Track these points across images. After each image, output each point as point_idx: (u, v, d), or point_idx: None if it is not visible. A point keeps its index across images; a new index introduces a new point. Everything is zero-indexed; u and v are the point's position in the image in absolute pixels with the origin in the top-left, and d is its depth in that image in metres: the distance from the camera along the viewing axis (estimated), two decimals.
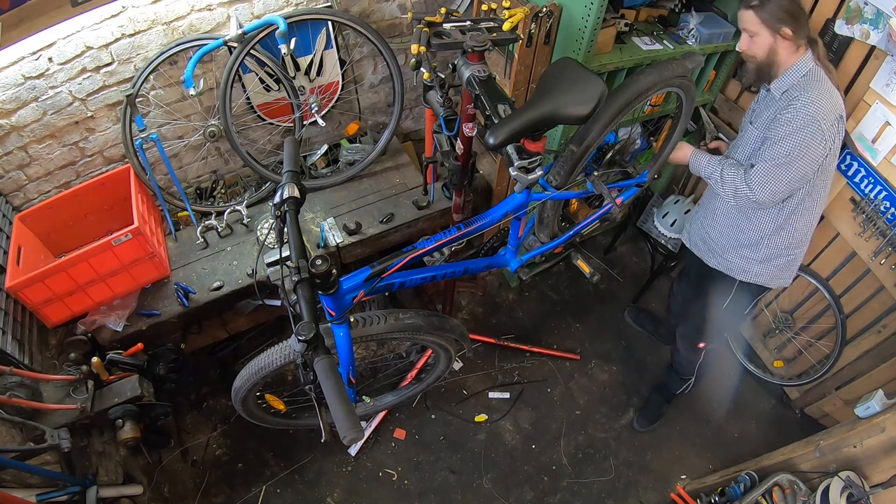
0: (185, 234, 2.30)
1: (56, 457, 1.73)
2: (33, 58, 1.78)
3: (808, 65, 1.61)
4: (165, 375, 2.04)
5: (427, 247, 1.57)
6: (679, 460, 2.52)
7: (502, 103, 1.45)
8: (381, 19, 2.33)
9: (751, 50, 1.65)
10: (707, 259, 2.05)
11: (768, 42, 1.60)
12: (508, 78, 2.12)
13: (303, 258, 1.20)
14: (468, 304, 2.95)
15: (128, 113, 1.96)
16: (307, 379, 1.23)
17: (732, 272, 1.97)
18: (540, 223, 1.93)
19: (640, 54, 2.12)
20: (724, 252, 1.96)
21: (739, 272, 1.95)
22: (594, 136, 1.62)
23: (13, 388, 1.63)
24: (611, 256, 3.25)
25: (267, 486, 2.29)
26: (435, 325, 1.78)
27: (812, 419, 2.58)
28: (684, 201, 2.68)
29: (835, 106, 1.56)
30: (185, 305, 2.05)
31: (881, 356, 2.17)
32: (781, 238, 1.82)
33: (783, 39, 1.58)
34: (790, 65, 1.62)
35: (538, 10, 1.86)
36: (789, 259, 1.88)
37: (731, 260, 1.95)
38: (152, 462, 2.23)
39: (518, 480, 2.40)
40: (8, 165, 1.97)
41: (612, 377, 2.76)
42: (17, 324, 1.87)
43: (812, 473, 1.81)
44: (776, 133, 1.60)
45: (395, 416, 2.54)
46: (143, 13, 1.88)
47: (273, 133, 2.43)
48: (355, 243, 2.27)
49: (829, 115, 1.54)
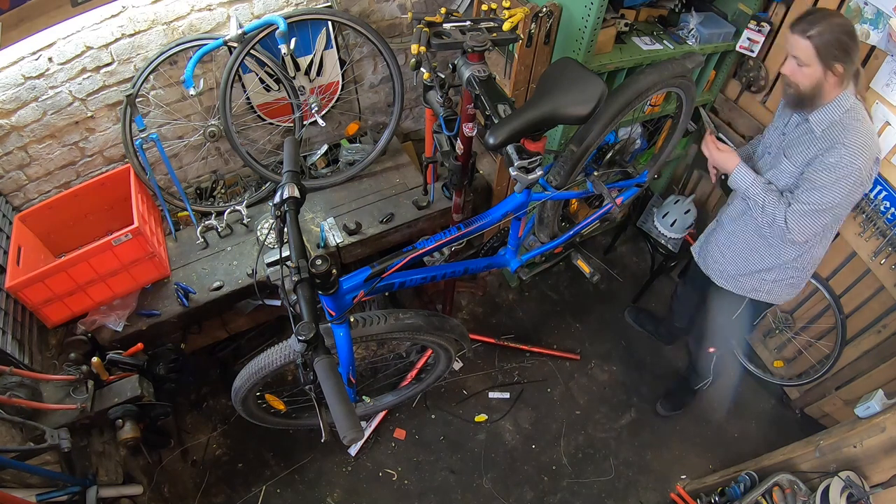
0: (185, 234, 2.30)
1: (56, 457, 1.72)
2: (33, 58, 1.78)
3: (850, 100, 1.52)
4: (165, 375, 2.04)
5: (427, 247, 1.57)
6: (679, 460, 2.52)
7: (502, 103, 1.45)
8: (381, 19, 2.33)
9: (795, 78, 1.53)
10: (717, 280, 2.02)
11: (817, 75, 1.49)
12: (508, 78, 2.12)
13: (303, 258, 1.20)
14: (468, 304, 2.95)
15: (128, 113, 1.96)
16: (307, 379, 1.23)
17: (744, 292, 1.96)
18: (540, 223, 1.93)
19: (640, 54, 2.12)
20: (739, 276, 1.94)
21: (751, 291, 1.94)
22: (594, 136, 1.62)
23: (13, 388, 1.63)
24: (611, 256, 3.25)
25: (267, 486, 2.29)
26: (435, 325, 1.78)
27: (812, 419, 2.58)
28: (684, 201, 2.68)
29: (874, 149, 1.53)
30: (185, 305, 2.05)
31: (881, 356, 2.17)
32: (799, 262, 1.81)
33: (833, 76, 1.48)
34: (832, 97, 1.53)
35: (538, 10, 1.86)
36: (802, 277, 1.87)
37: (743, 283, 1.94)
38: (152, 462, 2.23)
39: (518, 480, 2.40)
40: (8, 165, 1.97)
41: (612, 377, 2.76)
42: (17, 324, 1.87)
43: (812, 473, 1.81)
44: (819, 178, 1.54)
45: (395, 416, 2.54)
46: (143, 13, 1.88)
47: (273, 133, 2.43)
48: (355, 243, 2.27)
49: (869, 160, 1.50)
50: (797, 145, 1.64)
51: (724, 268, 1.98)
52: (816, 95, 1.53)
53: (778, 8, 2.21)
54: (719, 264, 2.00)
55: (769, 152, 1.79)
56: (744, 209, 1.84)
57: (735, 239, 1.91)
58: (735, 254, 1.92)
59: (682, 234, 2.71)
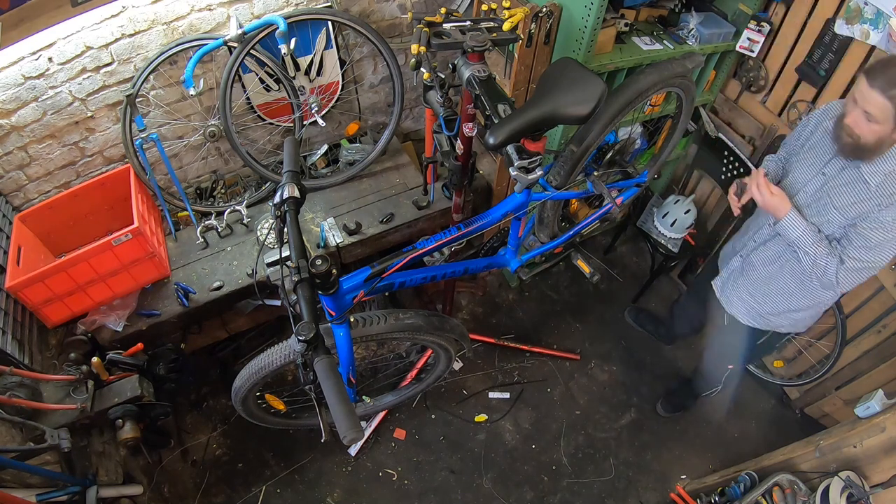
0: (185, 234, 2.30)
1: (56, 457, 1.72)
2: (33, 58, 1.78)
3: None
4: (165, 375, 2.04)
5: (427, 247, 1.57)
6: (679, 460, 2.52)
7: (502, 103, 1.45)
8: (381, 19, 2.33)
9: (859, 130, 1.41)
10: (742, 319, 1.95)
11: (886, 132, 1.38)
12: (508, 78, 2.12)
13: (303, 258, 1.20)
14: (468, 304, 2.95)
15: (128, 113, 1.96)
16: (307, 379, 1.23)
17: (769, 328, 1.92)
18: (540, 223, 1.93)
19: (640, 54, 2.12)
20: (769, 316, 1.87)
21: (777, 327, 1.91)
22: (594, 136, 1.62)
23: (13, 388, 1.63)
24: (611, 256, 3.25)
25: (267, 486, 2.29)
26: (435, 325, 1.78)
27: (812, 419, 2.58)
28: (684, 201, 2.68)
29: None
30: (185, 305, 2.05)
31: (881, 356, 2.17)
32: (828, 297, 1.75)
33: None
34: (887, 149, 1.44)
35: (538, 10, 1.85)
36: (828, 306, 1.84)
37: (771, 321, 1.89)
38: (152, 462, 2.23)
39: (518, 480, 2.40)
40: (8, 165, 1.97)
41: (612, 377, 2.76)
42: (17, 324, 1.87)
43: (812, 473, 1.81)
44: (874, 237, 1.45)
45: (395, 416, 2.54)
46: (143, 13, 1.87)
47: (273, 133, 2.43)
48: (355, 243, 2.27)
49: None
50: (845, 195, 1.51)
51: (752, 307, 1.89)
52: (877, 149, 1.42)
53: (778, 8, 2.21)
54: (746, 304, 1.91)
55: (805, 191, 1.63)
56: (780, 252, 1.73)
57: (769, 283, 1.80)
58: (766, 297, 1.83)
59: (682, 234, 2.71)
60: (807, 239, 1.56)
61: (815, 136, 1.65)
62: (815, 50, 2.12)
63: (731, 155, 2.52)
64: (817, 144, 1.63)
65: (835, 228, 1.55)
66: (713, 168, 2.66)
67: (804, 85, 2.23)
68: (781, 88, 2.33)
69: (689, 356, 2.84)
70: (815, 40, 2.11)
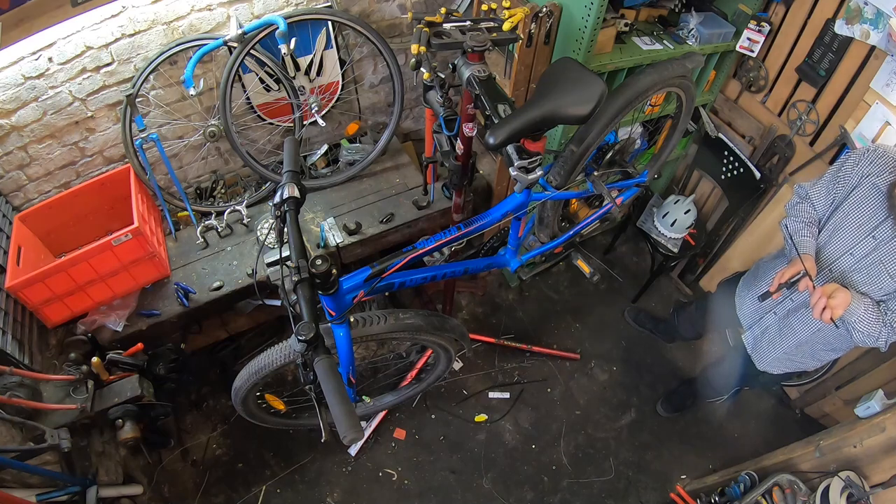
0: (185, 234, 2.30)
1: (56, 457, 1.72)
2: (33, 58, 1.78)
3: None
4: (165, 375, 2.03)
5: (427, 247, 1.57)
6: (679, 460, 2.52)
7: (502, 103, 1.45)
8: (381, 19, 2.33)
9: None
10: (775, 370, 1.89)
11: None
12: (508, 78, 2.12)
13: (303, 258, 1.20)
14: (468, 304, 2.95)
15: (128, 113, 1.96)
16: (307, 379, 1.23)
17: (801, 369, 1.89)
18: (540, 223, 1.93)
19: (640, 54, 2.12)
20: (800, 362, 1.83)
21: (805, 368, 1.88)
22: (594, 136, 1.62)
23: (13, 388, 1.63)
24: (611, 256, 3.25)
25: (267, 486, 2.29)
26: (435, 325, 1.78)
27: (812, 419, 2.58)
28: (684, 201, 2.68)
29: None
30: (185, 305, 2.05)
31: (881, 356, 2.16)
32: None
33: None
34: None
35: (538, 10, 1.85)
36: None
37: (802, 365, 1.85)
38: (152, 462, 2.23)
39: (518, 480, 2.40)
40: (8, 165, 1.97)
41: (612, 377, 2.76)
42: (17, 324, 1.87)
43: (812, 473, 1.81)
44: None
45: (395, 416, 2.54)
46: (143, 13, 1.87)
47: (273, 133, 2.43)
48: (355, 243, 2.27)
49: None
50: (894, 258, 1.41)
51: (787, 363, 1.84)
52: None
53: (778, 8, 2.21)
54: (782, 363, 1.85)
55: (852, 254, 1.50)
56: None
57: (813, 344, 1.72)
58: (806, 353, 1.77)
59: (682, 234, 2.71)
60: (871, 326, 1.42)
61: (859, 192, 1.49)
62: (815, 50, 2.12)
63: (731, 155, 2.53)
64: (864, 202, 1.47)
65: (883, 294, 1.44)
66: (713, 168, 2.67)
67: (804, 85, 2.23)
68: (781, 88, 2.33)
69: (689, 357, 2.84)
70: (815, 40, 2.11)
